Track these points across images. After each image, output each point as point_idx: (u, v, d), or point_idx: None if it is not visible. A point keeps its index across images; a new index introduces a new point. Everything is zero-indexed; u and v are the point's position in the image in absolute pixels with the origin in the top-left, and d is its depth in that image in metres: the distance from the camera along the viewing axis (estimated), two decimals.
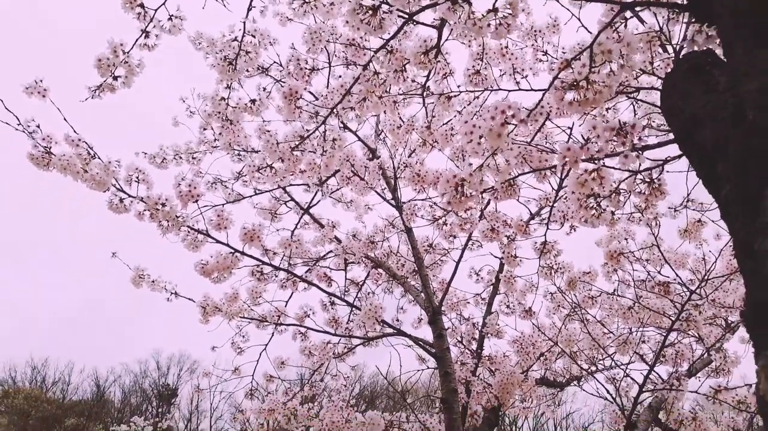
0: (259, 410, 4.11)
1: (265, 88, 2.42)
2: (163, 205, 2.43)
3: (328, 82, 2.58)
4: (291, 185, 4.20)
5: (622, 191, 1.80)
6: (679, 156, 1.74)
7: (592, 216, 1.82)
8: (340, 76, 2.52)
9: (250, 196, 4.31)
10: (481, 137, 1.62)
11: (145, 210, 2.46)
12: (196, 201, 2.42)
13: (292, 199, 4.39)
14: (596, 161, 1.63)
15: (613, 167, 1.68)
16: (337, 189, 4.49)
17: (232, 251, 2.75)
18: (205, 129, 4.04)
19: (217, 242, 2.71)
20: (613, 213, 1.94)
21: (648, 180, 1.72)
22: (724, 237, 3.77)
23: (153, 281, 3.58)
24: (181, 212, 2.47)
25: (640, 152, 1.55)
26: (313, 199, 4.33)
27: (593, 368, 3.42)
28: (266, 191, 4.28)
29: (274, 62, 3.39)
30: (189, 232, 2.60)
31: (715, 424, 3.61)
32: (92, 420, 56.53)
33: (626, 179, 1.78)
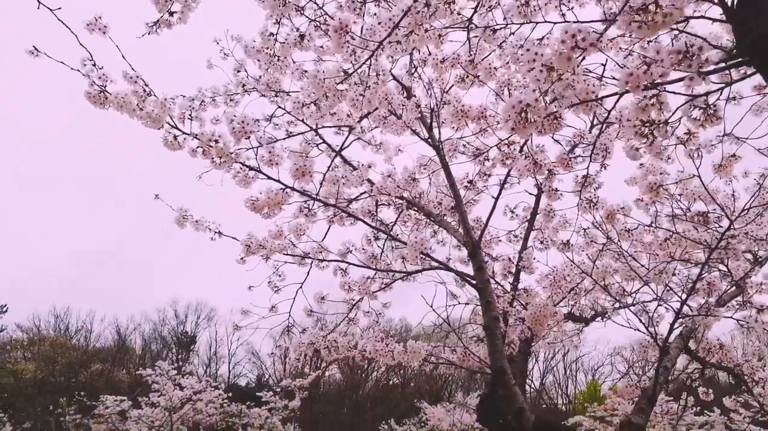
0: (299, 344, 4.28)
1: (313, 20, 2.45)
2: (216, 141, 2.50)
3: (376, 15, 2.60)
4: (323, 127, 4.25)
5: (670, 122, 1.85)
6: (739, 80, 1.77)
7: (646, 144, 1.87)
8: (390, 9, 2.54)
9: (283, 138, 4.37)
10: (542, 65, 1.67)
11: (198, 147, 2.53)
12: (248, 138, 2.49)
13: (324, 141, 4.44)
14: (656, 87, 1.67)
15: (673, 92, 1.73)
16: (369, 131, 4.54)
17: (283, 187, 2.83)
18: (239, 71, 4.06)
19: (269, 178, 2.79)
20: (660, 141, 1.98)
21: (704, 106, 1.76)
22: (753, 174, 3.81)
23: (197, 221, 3.70)
24: (234, 149, 2.54)
25: (704, 75, 1.59)
26: (345, 141, 4.38)
27: (624, 301, 3.53)
28: (298, 134, 4.34)
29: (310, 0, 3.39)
30: (241, 168, 2.68)
31: (744, 353, 3.75)
32: (116, 365, 58.52)
33: (682, 105, 1.82)
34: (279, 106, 4.11)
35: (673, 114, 1.85)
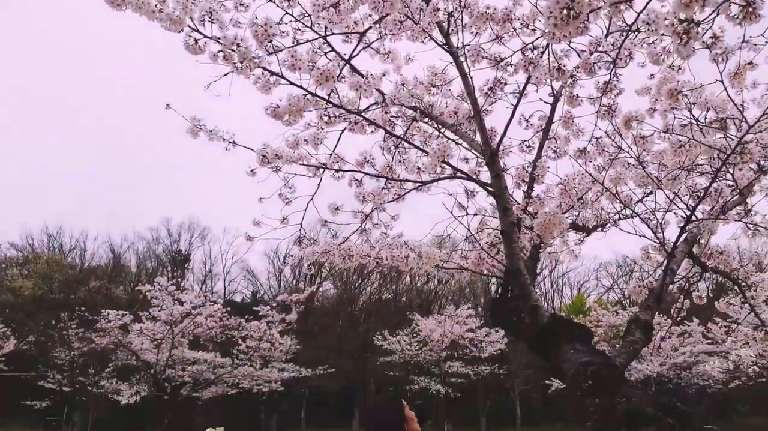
0: (313, 252, 4.39)
1: None
2: (239, 45, 2.46)
3: None
4: (332, 34, 4.16)
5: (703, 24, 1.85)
6: None
7: (680, 44, 1.88)
8: None
9: (291, 46, 4.29)
10: None
11: (219, 51, 2.50)
12: (271, 41, 2.45)
13: (333, 49, 4.36)
14: None
15: None
16: (377, 39, 4.44)
17: (305, 92, 2.82)
18: None
19: (291, 83, 2.77)
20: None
21: (744, 3, 1.76)
22: (761, 86, 3.82)
23: (211, 131, 3.70)
24: (256, 53, 2.51)
25: None
26: (354, 49, 4.30)
27: (632, 208, 3.63)
28: (306, 42, 4.25)
29: None
30: (263, 73, 2.66)
31: (739, 259, 3.91)
32: (113, 282, 59.57)
33: (721, 3, 1.82)
34: (287, 12, 4.00)
35: (708, 16, 1.85)
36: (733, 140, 2.92)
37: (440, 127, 3.73)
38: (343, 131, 3.69)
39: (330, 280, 58.53)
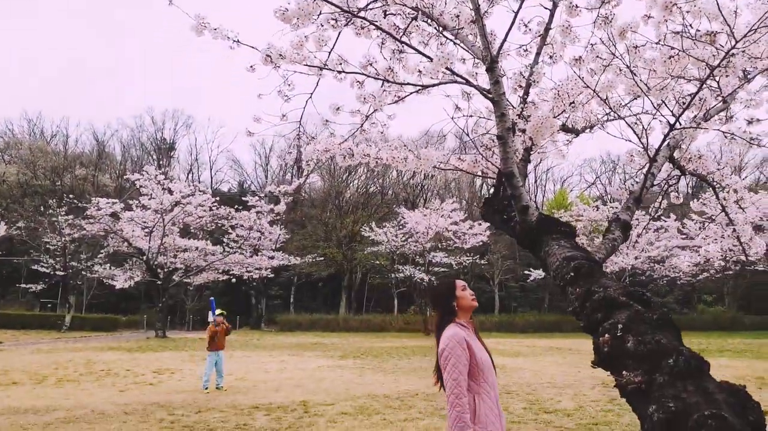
0: (314, 150, 4.58)
1: None
2: None
3: None
4: None
5: None
6: None
7: None
8: None
9: None
10: None
11: None
12: None
13: None
14: None
15: None
16: None
17: None
18: None
19: None
20: None
21: None
22: None
23: (215, 29, 3.74)
24: None
25: None
26: None
27: (620, 112, 3.82)
28: None
29: None
30: None
31: (717, 163, 4.18)
32: (99, 170, 59.35)
33: None
34: None
35: None
36: (722, 49, 3.06)
37: (441, 28, 3.80)
38: (339, 33, 3.74)
39: (317, 172, 58.99)
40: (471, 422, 2.77)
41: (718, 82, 3.72)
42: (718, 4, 2.83)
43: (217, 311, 12.65)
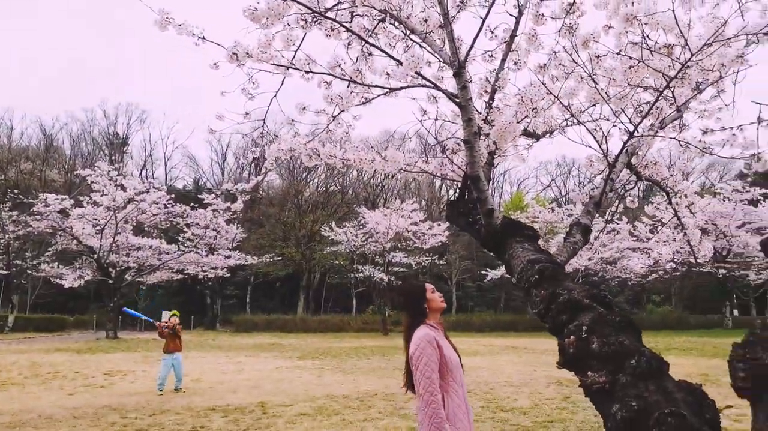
0: (278, 149, 4.55)
1: None
2: None
3: None
4: None
5: None
6: None
7: None
8: None
9: None
10: None
11: None
12: None
13: None
14: None
15: None
16: None
17: None
18: None
19: None
20: None
21: None
22: (709, 3, 4.07)
23: (180, 25, 3.68)
24: None
25: None
26: None
27: (581, 118, 3.93)
28: None
29: None
30: None
31: (669, 169, 4.34)
32: (47, 165, 57.21)
33: None
34: None
35: None
36: (677, 61, 3.19)
37: (408, 31, 3.82)
38: (305, 34, 3.72)
39: (276, 171, 58.37)
40: None
41: (673, 93, 3.87)
42: (675, 17, 2.95)
43: (171, 313, 12.36)
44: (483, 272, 38.54)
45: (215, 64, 4.57)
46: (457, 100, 3.22)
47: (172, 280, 38.65)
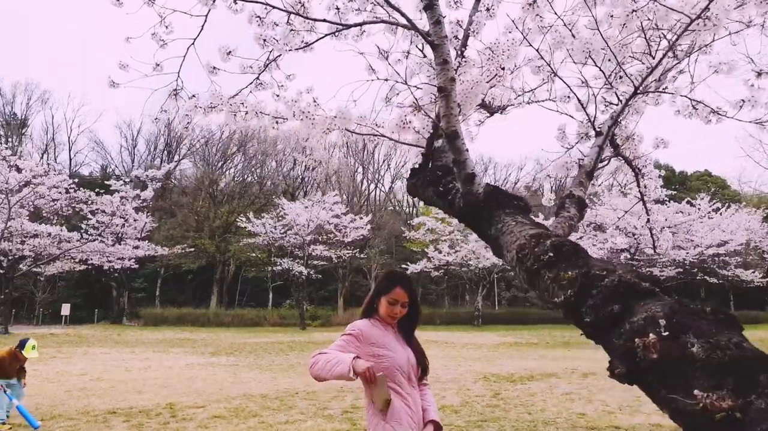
0: (195, 106, 3.74)
1: None
2: None
3: None
4: None
5: None
6: None
7: None
8: None
9: None
10: None
11: None
12: None
13: None
14: None
15: None
16: None
17: None
18: None
19: None
20: None
21: None
22: None
23: None
24: None
25: None
26: None
27: (559, 78, 3.39)
28: None
29: None
30: None
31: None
32: None
33: None
34: None
35: None
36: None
37: None
38: None
39: (190, 158, 55.55)
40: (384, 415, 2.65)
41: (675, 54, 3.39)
42: None
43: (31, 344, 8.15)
44: (403, 266, 38.27)
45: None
46: (430, 38, 2.57)
47: (74, 271, 35.74)
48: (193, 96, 3.87)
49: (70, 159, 57.14)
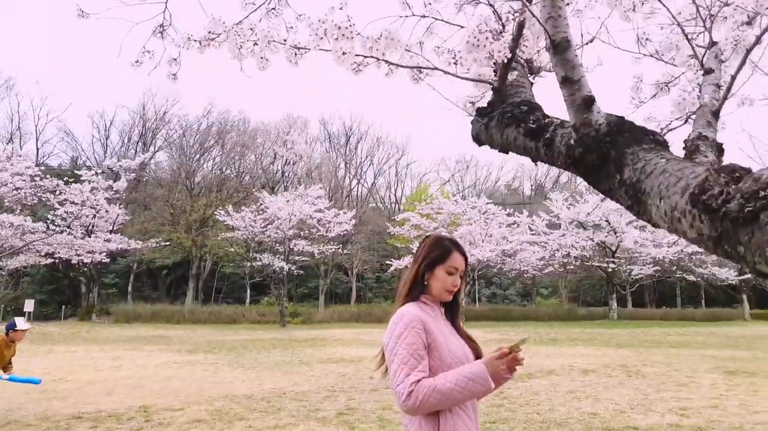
0: (188, 39, 2.99)
1: None
2: None
3: None
4: None
5: None
6: None
7: None
8: None
9: None
10: None
11: None
12: None
13: None
14: None
15: None
16: None
17: None
18: None
19: None
20: None
21: None
22: None
23: None
24: None
25: None
26: None
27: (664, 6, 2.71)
28: None
29: None
30: None
31: None
32: None
33: None
34: None
35: None
36: None
37: None
38: None
39: (166, 150, 53.97)
40: None
41: None
42: None
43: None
44: (387, 262, 37.47)
45: None
46: None
47: (39, 265, 34.19)
48: (189, 39, 3.10)
49: (38, 149, 55.07)
